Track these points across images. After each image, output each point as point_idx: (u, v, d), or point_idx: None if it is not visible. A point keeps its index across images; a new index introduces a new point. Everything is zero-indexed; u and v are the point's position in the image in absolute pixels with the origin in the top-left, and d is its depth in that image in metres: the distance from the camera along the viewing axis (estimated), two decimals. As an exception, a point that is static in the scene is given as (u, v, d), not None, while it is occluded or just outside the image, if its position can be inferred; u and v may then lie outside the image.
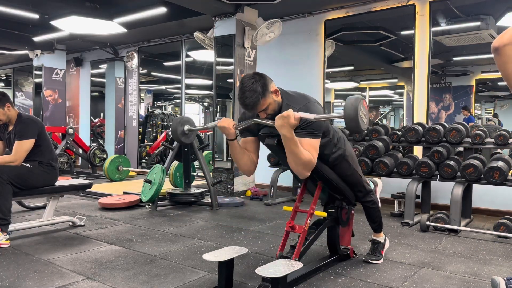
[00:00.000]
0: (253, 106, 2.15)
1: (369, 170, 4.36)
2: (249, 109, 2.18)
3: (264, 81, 2.15)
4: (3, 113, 3.33)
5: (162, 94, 13.48)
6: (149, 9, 5.85)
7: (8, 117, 3.37)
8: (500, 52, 1.57)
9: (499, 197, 4.44)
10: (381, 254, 2.85)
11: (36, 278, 2.45)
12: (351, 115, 1.97)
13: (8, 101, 3.36)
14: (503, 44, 1.56)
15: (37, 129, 3.38)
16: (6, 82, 12.86)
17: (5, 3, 5.98)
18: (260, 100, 2.13)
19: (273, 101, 2.20)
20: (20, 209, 4.41)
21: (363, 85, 7.43)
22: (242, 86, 2.14)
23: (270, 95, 2.17)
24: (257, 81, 2.13)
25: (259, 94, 2.12)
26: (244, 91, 2.12)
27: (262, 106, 2.16)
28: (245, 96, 2.12)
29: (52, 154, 3.52)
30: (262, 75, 2.19)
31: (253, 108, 2.17)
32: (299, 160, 2.12)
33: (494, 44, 1.58)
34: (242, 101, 2.14)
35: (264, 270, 1.99)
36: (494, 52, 1.59)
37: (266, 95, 2.14)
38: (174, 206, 4.84)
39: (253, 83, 2.12)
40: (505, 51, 1.56)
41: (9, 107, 3.36)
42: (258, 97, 2.11)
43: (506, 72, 1.60)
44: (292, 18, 6.05)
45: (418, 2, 5.00)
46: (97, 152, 7.82)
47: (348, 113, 1.98)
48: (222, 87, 5.88)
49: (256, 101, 2.12)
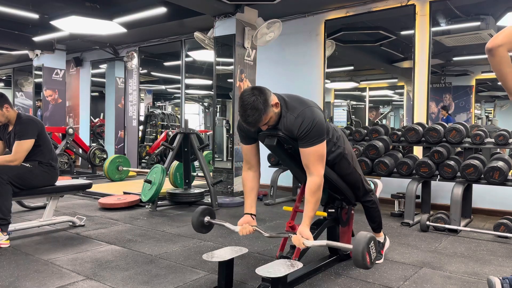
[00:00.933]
0: (255, 124, 2.14)
1: (369, 170, 4.36)
2: (251, 126, 2.17)
3: (265, 96, 2.11)
4: (2, 114, 3.32)
5: (162, 94, 13.48)
6: (149, 9, 5.85)
7: (7, 118, 3.37)
8: (494, 53, 1.60)
9: (499, 197, 4.44)
10: (381, 254, 2.85)
11: (36, 278, 2.45)
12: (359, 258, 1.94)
13: (6, 102, 3.35)
14: (497, 45, 1.60)
15: (36, 129, 3.38)
16: (6, 82, 12.86)
17: (5, 3, 5.98)
18: (262, 117, 2.12)
19: (274, 114, 2.19)
20: (20, 209, 4.41)
21: (363, 85, 7.43)
22: (242, 104, 2.10)
23: (271, 109, 2.15)
24: (257, 98, 2.08)
25: (261, 112, 2.09)
26: (245, 109, 2.08)
27: (264, 121, 2.15)
28: (247, 114, 2.09)
29: (52, 154, 3.52)
30: (262, 89, 2.14)
31: (255, 126, 2.17)
32: (318, 202, 2.26)
33: (488, 46, 1.62)
34: (244, 119, 2.12)
35: (264, 270, 1.99)
36: (488, 53, 1.62)
37: (267, 111, 2.12)
38: (174, 206, 4.84)
39: (254, 101, 2.07)
40: (499, 52, 1.60)
41: (8, 108, 3.35)
42: (260, 114, 2.09)
43: (501, 73, 1.63)
44: (292, 18, 6.05)
45: (418, 2, 5.00)
46: (97, 152, 7.82)
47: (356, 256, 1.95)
48: (222, 87, 5.88)
49: (258, 119, 2.11)
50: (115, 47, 8.39)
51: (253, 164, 2.46)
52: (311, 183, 2.20)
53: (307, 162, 2.20)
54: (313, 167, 2.19)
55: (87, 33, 6.98)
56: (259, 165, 2.49)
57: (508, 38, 1.60)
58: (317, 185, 2.20)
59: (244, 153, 2.47)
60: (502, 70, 1.63)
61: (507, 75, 1.63)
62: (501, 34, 1.61)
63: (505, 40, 1.60)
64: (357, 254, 1.92)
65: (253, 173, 2.46)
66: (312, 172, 2.20)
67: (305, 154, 2.19)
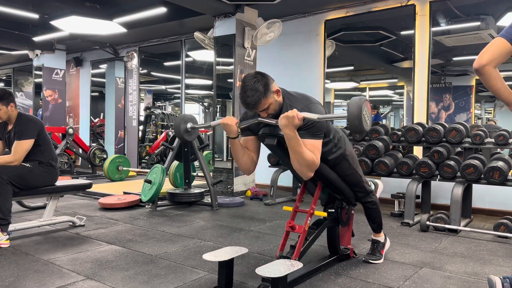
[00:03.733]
0: (254, 105, 2.15)
1: (369, 170, 4.36)
2: (250, 108, 2.18)
3: (266, 80, 2.16)
4: (5, 112, 3.34)
5: (162, 94, 13.48)
6: (149, 9, 5.85)
7: (9, 116, 3.38)
8: (481, 72, 1.68)
9: (499, 197, 4.44)
10: (381, 254, 2.85)
11: (36, 278, 2.45)
12: (354, 114, 1.97)
13: (13, 100, 3.39)
14: (482, 65, 1.67)
15: (36, 129, 3.38)
16: (6, 82, 12.86)
17: (5, 3, 5.98)
18: (262, 100, 2.13)
19: (274, 101, 2.20)
20: (20, 209, 4.41)
21: (363, 85, 7.42)
22: (244, 85, 2.14)
23: (271, 95, 2.17)
24: (259, 80, 2.13)
25: (261, 94, 2.12)
26: (245, 90, 2.12)
27: (263, 105, 2.16)
28: (246, 95, 2.12)
29: (52, 154, 3.52)
30: (264, 74, 2.19)
31: (254, 107, 2.16)
32: (302, 160, 2.12)
33: (474, 66, 1.69)
34: (244, 100, 2.14)
35: (264, 270, 1.99)
36: (476, 72, 1.70)
37: (267, 95, 2.15)
38: (174, 206, 4.84)
39: (255, 82, 2.12)
40: (485, 71, 1.67)
41: (13, 107, 3.37)
42: (260, 96, 2.12)
43: (493, 89, 1.70)
44: (292, 18, 6.05)
45: (418, 2, 5.00)
46: (97, 152, 7.82)
47: (351, 112, 1.98)
48: (222, 87, 5.88)
49: (257, 100, 2.12)
50: (115, 47, 8.39)
51: (252, 150, 2.40)
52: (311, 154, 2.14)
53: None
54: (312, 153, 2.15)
55: (87, 33, 6.98)
56: (257, 155, 2.44)
57: (492, 56, 1.66)
58: (313, 159, 2.13)
59: (243, 142, 2.42)
60: (493, 86, 1.69)
61: (499, 90, 1.69)
62: (485, 54, 1.68)
63: (490, 59, 1.66)
64: (353, 117, 1.92)
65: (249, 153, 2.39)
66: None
67: (304, 145, 2.15)
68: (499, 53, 1.66)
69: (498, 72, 1.69)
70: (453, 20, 5.27)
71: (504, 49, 1.67)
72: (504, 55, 1.67)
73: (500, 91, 1.69)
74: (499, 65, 1.72)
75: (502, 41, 1.68)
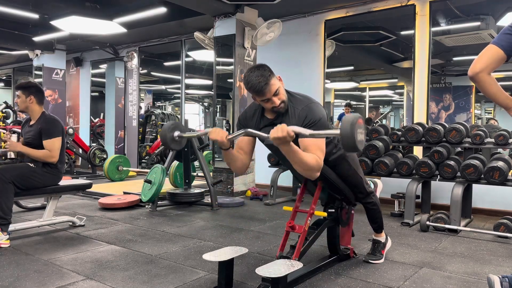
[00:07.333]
0: (262, 89, 2.13)
1: (369, 170, 4.36)
2: (260, 92, 2.14)
3: (269, 68, 2.20)
4: (23, 101, 3.40)
5: (162, 94, 13.48)
6: (149, 9, 5.85)
7: (28, 108, 3.43)
8: (476, 79, 1.73)
9: (499, 197, 4.44)
10: (381, 254, 2.85)
11: (36, 278, 2.45)
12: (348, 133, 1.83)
13: (33, 94, 3.42)
14: (475, 72, 1.72)
15: (62, 128, 3.47)
16: (6, 82, 12.87)
17: (5, 3, 5.97)
18: (269, 82, 2.13)
19: (280, 87, 2.21)
20: (19, 209, 4.41)
21: (363, 85, 7.43)
22: (248, 74, 2.17)
23: (276, 79, 2.20)
24: (262, 66, 2.19)
25: (267, 78, 2.13)
26: (251, 78, 2.14)
27: (272, 87, 2.15)
28: (253, 82, 2.13)
29: (62, 157, 3.51)
30: (265, 64, 2.23)
31: (264, 89, 2.13)
32: (305, 166, 2.08)
33: (469, 74, 1.74)
34: (251, 84, 2.13)
35: (264, 270, 1.99)
36: (471, 80, 1.75)
37: (272, 77, 2.17)
38: (174, 206, 4.84)
39: (259, 69, 2.16)
40: (480, 78, 1.72)
41: (32, 100, 3.41)
42: (267, 80, 2.13)
43: (489, 94, 1.75)
44: (292, 18, 6.05)
45: (418, 2, 5.00)
46: (97, 152, 7.82)
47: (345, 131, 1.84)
48: (222, 87, 5.88)
49: (266, 81, 2.12)
50: (115, 47, 8.39)
51: (246, 151, 2.37)
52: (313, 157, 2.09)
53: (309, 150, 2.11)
54: (315, 153, 2.11)
55: (87, 33, 6.98)
56: (250, 157, 2.41)
57: (486, 63, 1.71)
58: (316, 161, 2.09)
59: (238, 142, 2.39)
60: (489, 92, 1.74)
61: (495, 95, 1.74)
62: (479, 61, 1.72)
63: (483, 66, 1.71)
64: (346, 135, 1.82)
65: (242, 158, 2.35)
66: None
67: (306, 144, 2.11)
68: (492, 60, 1.72)
69: (493, 78, 1.73)
70: (453, 20, 5.27)
71: (497, 56, 1.72)
72: (496, 61, 1.72)
73: (496, 95, 1.74)
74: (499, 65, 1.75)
75: (495, 48, 1.73)
